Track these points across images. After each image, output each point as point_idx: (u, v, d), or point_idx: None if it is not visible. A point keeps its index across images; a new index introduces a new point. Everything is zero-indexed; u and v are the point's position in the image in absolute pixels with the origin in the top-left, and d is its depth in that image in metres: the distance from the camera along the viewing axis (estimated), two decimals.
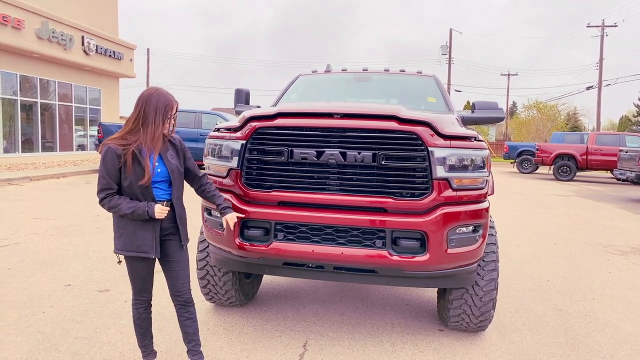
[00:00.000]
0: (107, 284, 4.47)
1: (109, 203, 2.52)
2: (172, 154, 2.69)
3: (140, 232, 2.56)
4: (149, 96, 2.56)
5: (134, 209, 2.48)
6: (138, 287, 2.74)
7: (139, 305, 2.77)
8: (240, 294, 3.84)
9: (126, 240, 2.58)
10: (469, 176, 2.95)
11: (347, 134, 2.93)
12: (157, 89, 2.62)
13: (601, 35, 33.31)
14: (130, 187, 2.53)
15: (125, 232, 2.57)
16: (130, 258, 2.64)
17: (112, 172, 2.50)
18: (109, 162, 2.48)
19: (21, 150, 17.62)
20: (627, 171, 13.56)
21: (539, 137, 36.95)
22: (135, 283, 2.73)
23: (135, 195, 2.54)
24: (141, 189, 2.53)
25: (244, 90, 4.92)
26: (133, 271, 2.69)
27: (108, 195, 2.53)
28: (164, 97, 2.57)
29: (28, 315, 3.66)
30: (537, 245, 6.90)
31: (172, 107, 2.61)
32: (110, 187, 2.52)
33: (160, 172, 2.60)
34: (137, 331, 2.80)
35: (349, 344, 3.39)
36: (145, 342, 2.82)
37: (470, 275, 3.14)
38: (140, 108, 2.55)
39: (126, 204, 2.50)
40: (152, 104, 2.54)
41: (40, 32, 17.04)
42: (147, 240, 2.57)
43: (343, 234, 2.96)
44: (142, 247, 2.57)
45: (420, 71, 5.39)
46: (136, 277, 2.70)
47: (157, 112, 2.54)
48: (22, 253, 5.48)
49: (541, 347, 3.43)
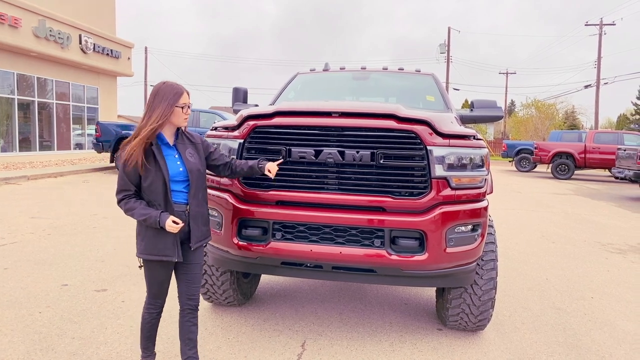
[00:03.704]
0: (104, 284, 4.45)
1: (126, 205, 2.46)
2: (192, 152, 2.62)
3: (161, 235, 2.47)
4: (157, 89, 2.54)
5: (146, 216, 2.40)
6: (154, 292, 2.66)
7: (152, 309, 2.70)
8: (238, 294, 3.83)
9: (148, 244, 2.50)
10: (467, 175, 2.94)
11: (346, 133, 2.91)
12: (165, 81, 2.58)
13: (599, 33, 33.34)
14: (150, 187, 2.46)
15: (147, 235, 2.49)
16: (150, 262, 2.55)
17: (130, 172, 2.43)
18: (127, 162, 2.42)
19: (18, 149, 17.56)
20: (625, 169, 13.57)
21: (537, 136, 37.00)
22: (152, 288, 2.65)
23: (156, 197, 2.47)
24: (163, 192, 2.46)
25: (242, 88, 4.90)
26: (152, 276, 2.61)
27: (125, 197, 2.47)
28: (171, 86, 2.54)
29: (25, 316, 3.64)
30: (536, 244, 6.90)
31: (181, 94, 2.53)
32: (127, 188, 2.46)
33: (181, 171, 2.54)
34: (143, 334, 2.74)
35: (347, 343, 3.38)
36: (148, 345, 2.77)
37: (469, 275, 3.13)
38: (150, 101, 2.52)
39: (140, 210, 2.43)
40: (159, 95, 2.50)
41: (38, 31, 16.97)
42: (168, 243, 2.49)
43: (341, 234, 2.94)
44: (163, 250, 2.49)
45: (419, 70, 5.37)
46: (154, 282, 2.63)
47: (164, 98, 2.49)
48: (19, 252, 5.45)
49: (540, 346, 3.42)
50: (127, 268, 4.97)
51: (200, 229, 2.64)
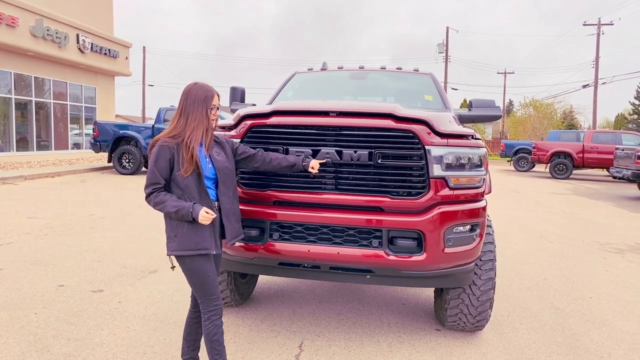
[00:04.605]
0: (101, 285, 4.42)
1: (155, 199, 2.41)
2: (218, 150, 2.61)
3: (197, 229, 2.42)
4: (189, 90, 2.55)
5: (179, 208, 2.36)
6: (209, 292, 2.47)
7: (214, 316, 2.48)
8: (235, 294, 3.80)
9: (183, 240, 2.41)
10: (466, 175, 2.92)
11: (343, 133, 2.89)
12: (196, 82, 2.59)
13: (597, 33, 33.37)
14: (185, 183, 2.43)
15: (180, 232, 2.42)
16: (190, 259, 2.44)
17: (162, 166, 2.41)
18: (159, 155, 2.41)
19: (16, 149, 17.50)
20: (623, 169, 13.58)
21: (536, 135, 37.03)
22: (204, 289, 2.46)
23: (191, 193, 2.44)
24: (198, 186, 2.45)
25: (240, 88, 4.87)
26: (198, 274, 2.45)
27: (155, 190, 2.43)
28: (202, 88, 2.55)
29: (20, 317, 3.61)
30: (534, 243, 6.89)
31: (212, 97, 2.56)
32: (157, 181, 2.42)
33: (209, 168, 2.53)
34: (212, 350, 2.50)
35: (345, 344, 3.36)
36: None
37: (467, 275, 3.11)
38: (183, 103, 2.53)
39: (172, 202, 2.38)
40: (191, 97, 2.52)
41: (35, 30, 16.91)
42: (205, 236, 2.44)
43: (339, 234, 2.92)
44: (201, 243, 2.42)
45: (417, 69, 5.35)
46: (204, 281, 2.45)
47: (197, 103, 2.51)
48: (15, 253, 5.42)
49: (539, 347, 3.41)
50: (124, 268, 4.94)
51: (233, 226, 2.63)
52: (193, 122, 2.47)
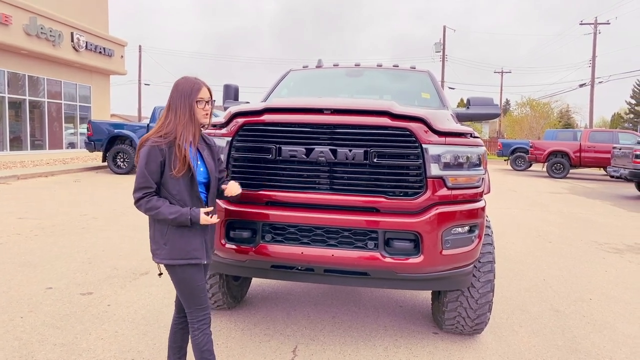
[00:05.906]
0: (90, 287, 4.31)
1: (147, 204, 2.23)
2: (209, 153, 2.47)
3: (188, 236, 2.29)
4: (176, 84, 2.38)
5: (176, 215, 2.21)
6: (198, 302, 2.36)
7: (204, 325, 2.37)
8: (227, 297, 3.71)
9: (174, 248, 2.28)
10: (464, 174, 2.83)
11: (338, 131, 2.80)
12: (185, 76, 2.43)
13: (594, 32, 33.41)
14: (177, 188, 2.28)
15: (171, 239, 2.28)
16: (180, 269, 2.31)
17: (153, 169, 2.23)
18: (150, 157, 2.23)
19: (9, 148, 17.31)
20: (620, 168, 13.54)
21: (532, 135, 37.05)
22: (194, 298, 2.35)
23: (182, 197, 2.29)
24: (189, 189, 2.30)
25: (233, 85, 4.77)
26: (188, 284, 2.33)
27: (146, 195, 2.25)
28: (189, 80, 2.38)
29: (5, 321, 3.50)
30: (532, 243, 6.82)
31: (200, 89, 2.35)
32: (149, 185, 2.24)
33: (202, 171, 2.39)
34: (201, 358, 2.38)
35: (340, 348, 3.26)
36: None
37: (465, 277, 3.03)
38: (170, 97, 2.37)
39: (167, 209, 2.22)
40: (178, 90, 2.35)
41: (29, 28, 16.73)
42: (196, 244, 2.31)
43: (334, 235, 2.83)
44: (192, 252, 2.30)
45: (414, 66, 5.27)
46: (194, 291, 2.34)
47: (184, 95, 2.33)
48: (4, 254, 5.30)
49: (539, 350, 3.33)
50: (115, 270, 4.84)
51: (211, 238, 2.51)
52: (183, 118, 2.30)
